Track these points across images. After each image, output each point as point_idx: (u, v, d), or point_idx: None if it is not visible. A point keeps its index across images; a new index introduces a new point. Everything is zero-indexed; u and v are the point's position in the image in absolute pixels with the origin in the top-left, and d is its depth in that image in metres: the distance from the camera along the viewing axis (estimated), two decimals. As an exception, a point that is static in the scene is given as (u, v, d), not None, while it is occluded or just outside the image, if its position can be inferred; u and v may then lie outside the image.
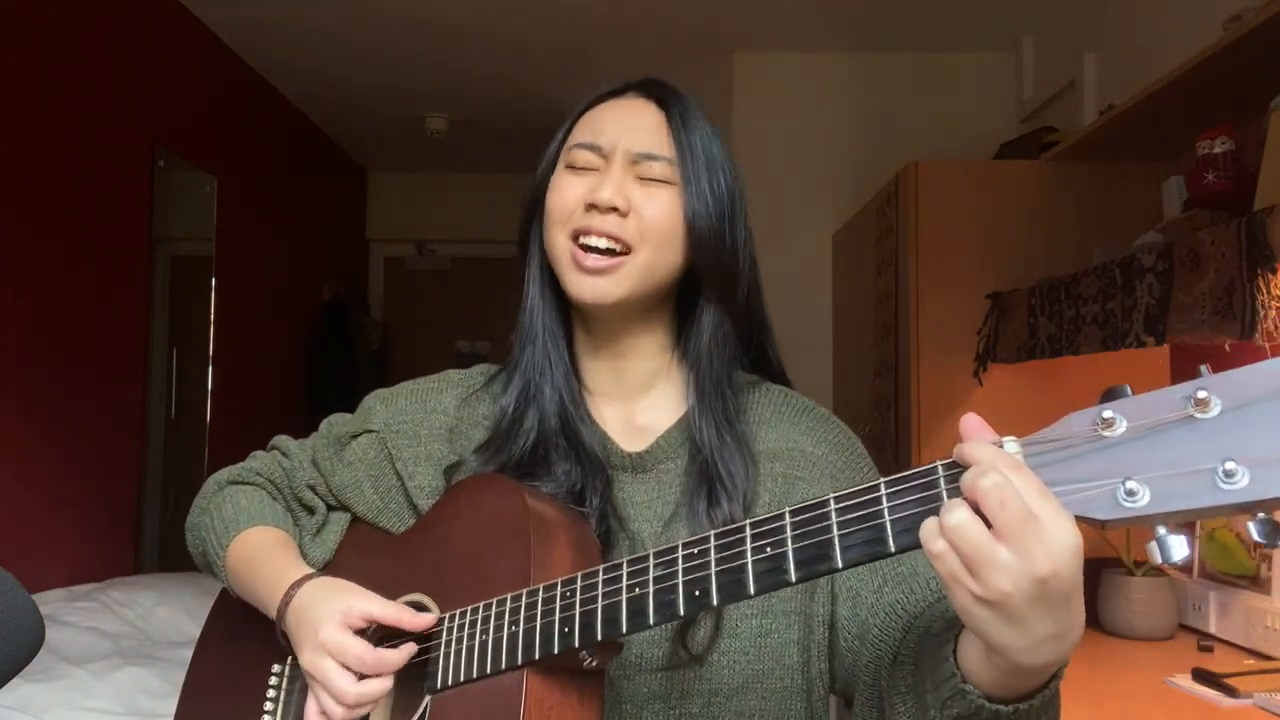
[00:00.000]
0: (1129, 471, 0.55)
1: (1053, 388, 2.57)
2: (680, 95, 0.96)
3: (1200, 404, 0.54)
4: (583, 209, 0.90)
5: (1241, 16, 1.82)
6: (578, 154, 0.93)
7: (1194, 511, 0.53)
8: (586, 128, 0.94)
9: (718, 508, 0.88)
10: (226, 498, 1.01)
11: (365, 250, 6.09)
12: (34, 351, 2.73)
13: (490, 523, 0.85)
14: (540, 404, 0.94)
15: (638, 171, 0.91)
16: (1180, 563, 0.55)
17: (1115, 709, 1.62)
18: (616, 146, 0.91)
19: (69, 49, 2.88)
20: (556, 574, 0.78)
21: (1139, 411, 0.56)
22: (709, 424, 0.92)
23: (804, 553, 0.65)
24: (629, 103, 0.95)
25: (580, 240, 0.90)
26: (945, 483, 0.61)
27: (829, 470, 0.95)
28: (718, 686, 0.86)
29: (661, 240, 0.90)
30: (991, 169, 2.80)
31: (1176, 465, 0.54)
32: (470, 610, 0.81)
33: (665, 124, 0.93)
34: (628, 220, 0.89)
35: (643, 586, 0.71)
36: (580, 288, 0.90)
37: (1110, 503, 0.56)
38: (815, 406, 1.01)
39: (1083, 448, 0.57)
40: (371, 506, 0.99)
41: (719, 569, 0.68)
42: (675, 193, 0.91)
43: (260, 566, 0.93)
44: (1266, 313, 1.46)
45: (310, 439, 1.06)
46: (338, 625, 0.82)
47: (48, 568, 2.77)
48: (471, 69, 4.11)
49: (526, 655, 0.76)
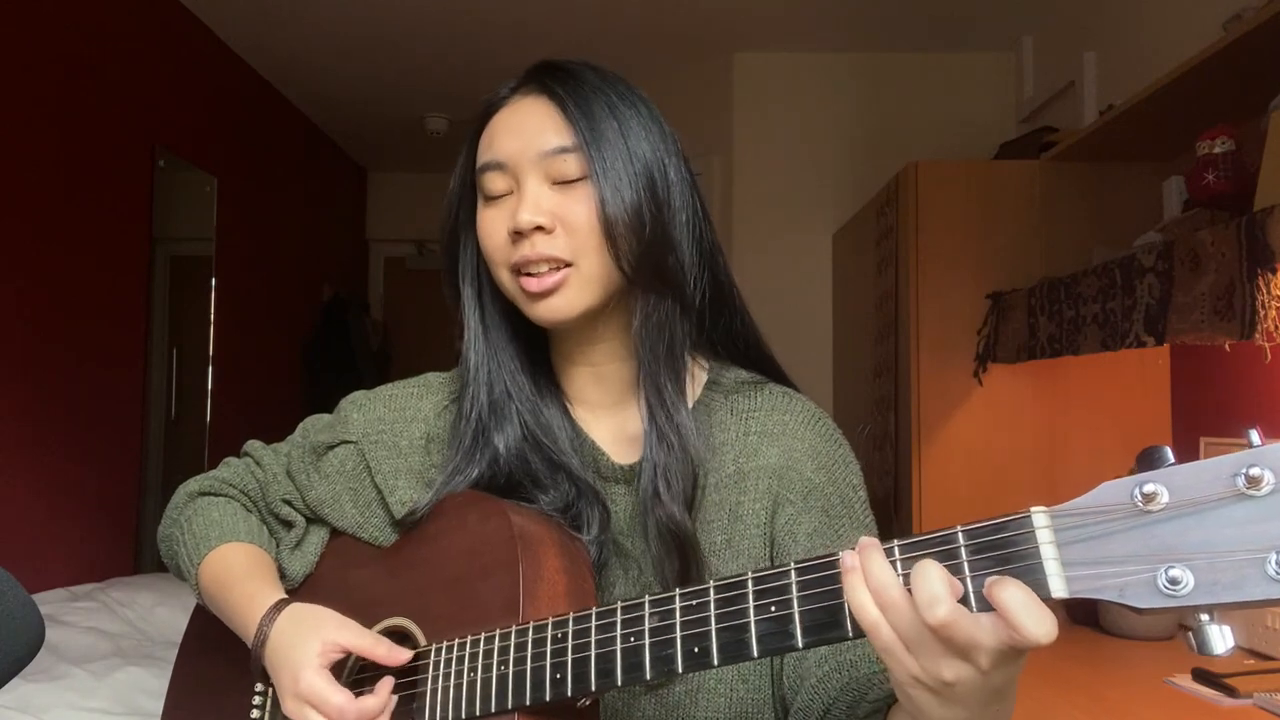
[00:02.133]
0: (1171, 555, 0.50)
1: (1053, 388, 2.58)
2: (570, 71, 0.87)
3: (1253, 481, 0.49)
4: (510, 240, 0.84)
5: (1241, 16, 1.82)
6: (486, 180, 0.86)
7: (1244, 604, 0.49)
8: (485, 146, 0.87)
9: (661, 508, 0.83)
10: (198, 510, 0.97)
11: (365, 250, 6.09)
12: (34, 351, 2.73)
13: (476, 546, 0.82)
14: (497, 447, 0.88)
15: (550, 174, 0.84)
16: (1222, 655, 0.50)
17: (1115, 709, 1.62)
18: (519, 158, 0.84)
19: (69, 49, 2.88)
20: (546, 600, 0.76)
21: (1183, 486, 0.51)
22: (652, 431, 0.85)
23: (813, 616, 0.60)
24: (518, 105, 0.87)
25: (522, 272, 0.84)
26: (966, 554, 0.56)
27: (822, 503, 0.89)
28: (712, 716, 0.85)
29: (594, 242, 0.83)
30: (991, 169, 2.80)
31: (1224, 550, 0.49)
32: (458, 645, 0.79)
33: (560, 112, 0.84)
34: (555, 235, 0.83)
35: (639, 637, 0.68)
36: (537, 314, 0.85)
37: (1149, 590, 0.51)
38: (822, 419, 0.94)
39: (1119, 524, 0.52)
40: (351, 521, 0.95)
41: (719, 626, 0.64)
42: (587, 187, 0.83)
43: (232, 592, 0.90)
44: (1266, 313, 1.46)
45: (285, 445, 1.02)
46: (316, 670, 0.79)
47: (48, 568, 2.77)
48: (471, 69, 4.11)
49: (517, 699, 0.74)
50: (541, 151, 0.84)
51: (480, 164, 0.87)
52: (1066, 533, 0.54)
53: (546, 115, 0.85)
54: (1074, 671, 1.81)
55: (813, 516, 0.88)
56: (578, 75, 0.87)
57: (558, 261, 0.83)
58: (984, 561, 0.56)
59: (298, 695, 0.80)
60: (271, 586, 0.90)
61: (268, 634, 0.84)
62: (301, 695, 0.79)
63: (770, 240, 3.73)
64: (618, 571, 0.88)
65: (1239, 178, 1.78)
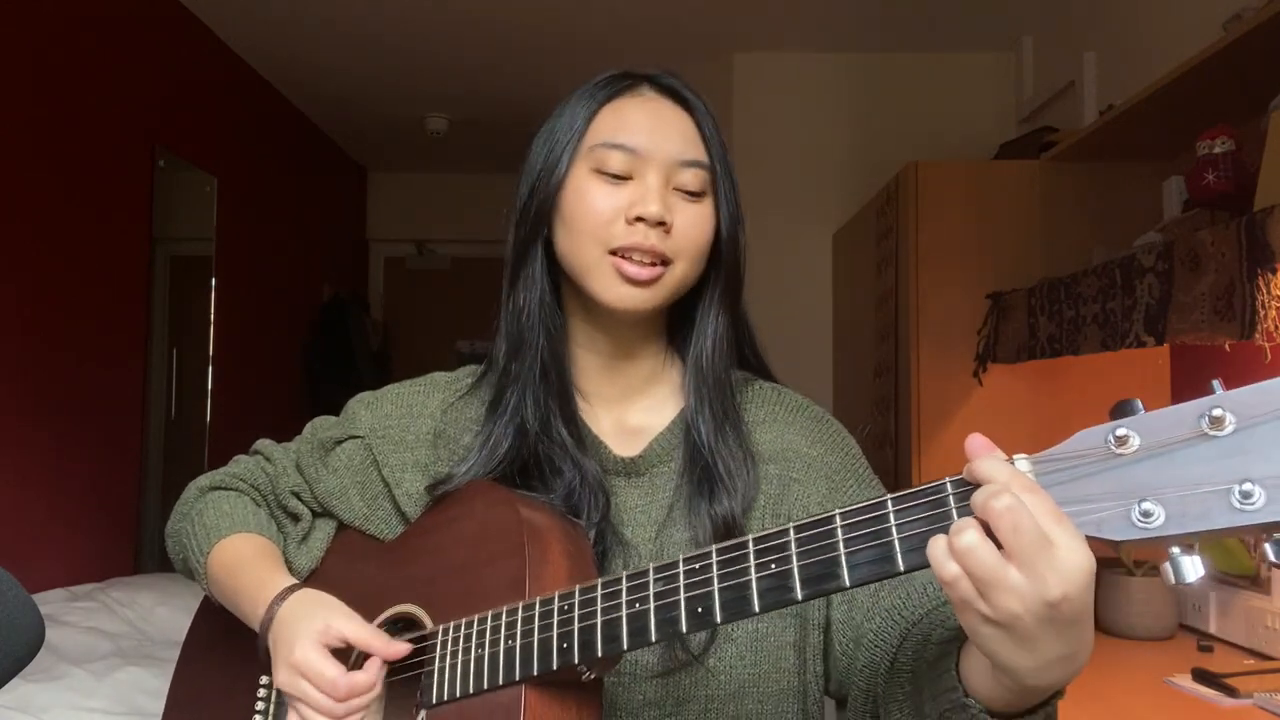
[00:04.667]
0: (1143, 491, 0.54)
1: (1052, 388, 2.57)
2: (699, 95, 0.92)
3: (1215, 422, 0.53)
4: (623, 222, 0.86)
5: (1241, 16, 1.82)
6: (608, 156, 0.87)
7: (1210, 533, 0.53)
8: (612, 126, 0.88)
9: (718, 504, 0.86)
10: (209, 503, 0.98)
11: (365, 250, 6.09)
12: (34, 351, 2.73)
13: (483, 533, 0.84)
14: (531, 415, 0.90)
15: (675, 181, 0.87)
16: (1194, 583, 0.54)
17: (1115, 709, 1.62)
18: (656, 152, 0.87)
19: (69, 49, 2.87)
20: (552, 586, 0.77)
21: (1153, 429, 0.55)
22: (708, 423, 0.90)
23: (810, 570, 0.63)
24: (655, 102, 0.90)
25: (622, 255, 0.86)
26: (954, 501, 0.60)
27: (824, 471, 0.93)
28: (714, 692, 0.85)
29: (697, 254, 0.88)
30: (991, 169, 2.80)
31: (1192, 485, 0.53)
32: (465, 624, 0.80)
33: (697, 129, 0.90)
34: (670, 235, 0.86)
35: (643, 603, 0.70)
36: (620, 297, 0.86)
37: (1125, 523, 0.55)
38: (809, 405, 0.99)
39: (1095, 466, 0.56)
40: (358, 514, 0.97)
41: (722, 586, 0.67)
42: (709, 204, 0.89)
43: (242, 577, 0.91)
44: (1266, 313, 1.46)
45: (294, 443, 1.04)
46: (313, 644, 0.80)
47: (48, 568, 2.77)
48: (471, 69, 4.11)
49: (525, 670, 0.75)
50: (677, 159, 0.87)
51: (607, 140, 0.88)
52: (1047, 476, 0.58)
53: (685, 126, 0.90)
54: (1074, 671, 1.81)
55: (818, 486, 0.92)
56: (702, 99, 0.92)
57: (664, 257, 0.86)
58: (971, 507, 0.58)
59: (291, 665, 0.81)
60: (282, 574, 0.92)
61: (276, 611, 0.86)
62: (295, 665, 0.80)
63: (770, 240, 3.73)
64: (618, 561, 0.88)
65: (1239, 178, 1.78)
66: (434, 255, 6.14)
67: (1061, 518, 0.55)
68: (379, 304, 6.07)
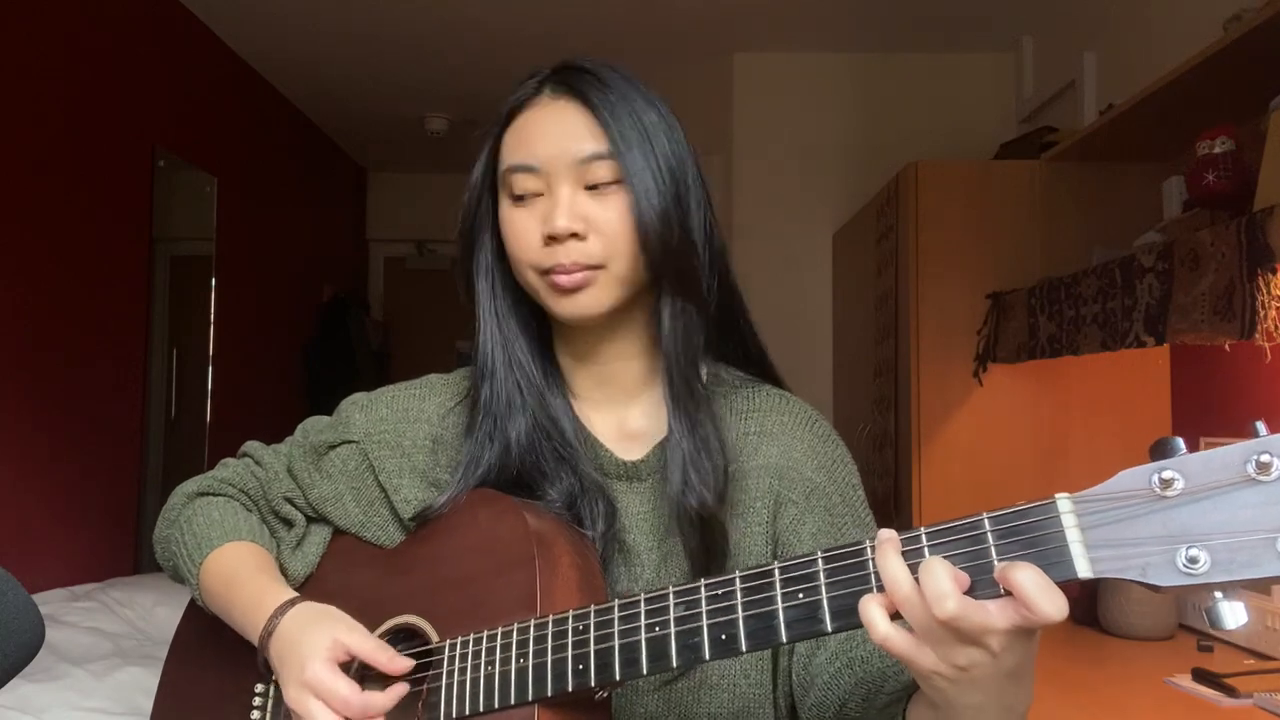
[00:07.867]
0: (1189, 536, 0.54)
1: (1052, 388, 2.58)
2: (596, 74, 0.87)
3: (1263, 468, 0.52)
4: (542, 243, 0.84)
5: (1241, 16, 1.82)
6: (516, 180, 0.86)
7: (1257, 581, 0.52)
8: (513, 146, 0.88)
9: (691, 494, 0.84)
10: (197, 510, 0.96)
11: (365, 250, 6.09)
12: (34, 351, 2.73)
13: (489, 544, 0.82)
14: (509, 436, 0.88)
15: (583, 179, 0.85)
16: (1235, 630, 0.54)
17: (1115, 709, 1.62)
18: (554, 162, 0.85)
19: (69, 49, 2.88)
20: (562, 598, 0.75)
21: (1198, 472, 0.54)
22: (682, 424, 0.86)
23: (841, 602, 0.63)
24: (549, 107, 0.87)
25: (551, 275, 0.85)
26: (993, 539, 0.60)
27: (825, 504, 0.91)
28: (718, 710, 0.85)
29: (626, 247, 0.84)
30: (991, 169, 2.80)
31: (1239, 531, 0.52)
32: (474, 639, 0.78)
33: (594, 118, 0.85)
34: (588, 242, 0.84)
35: (664, 627, 0.69)
36: (564, 309, 0.86)
37: (1170, 569, 0.54)
38: (818, 420, 0.96)
39: (1140, 508, 0.55)
40: (354, 520, 0.94)
41: (747, 614, 0.66)
42: (625, 192, 0.85)
43: (238, 589, 0.89)
44: (1266, 313, 1.46)
45: (284, 445, 1.01)
46: (324, 662, 0.79)
47: (48, 568, 2.77)
48: (471, 69, 4.11)
49: (538, 690, 0.73)
50: (577, 158, 0.84)
51: (510, 164, 0.87)
52: (1089, 517, 0.57)
53: (580, 121, 0.86)
54: (1074, 671, 1.81)
55: (816, 516, 0.90)
56: (605, 79, 0.87)
57: (590, 265, 0.84)
58: (1011, 546, 0.59)
59: (303, 683, 0.79)
60: (280, 585, 0.89)
61: (276, 625, 0.84)
62: (307, 683, 0.78)
63: (770, 240, 3.73)
64: (620, 568, 0.88)
65: (1239, 178, 1.78)
66: (434, 255, 6.14)
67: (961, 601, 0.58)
68: (379, 304, 6.07)
